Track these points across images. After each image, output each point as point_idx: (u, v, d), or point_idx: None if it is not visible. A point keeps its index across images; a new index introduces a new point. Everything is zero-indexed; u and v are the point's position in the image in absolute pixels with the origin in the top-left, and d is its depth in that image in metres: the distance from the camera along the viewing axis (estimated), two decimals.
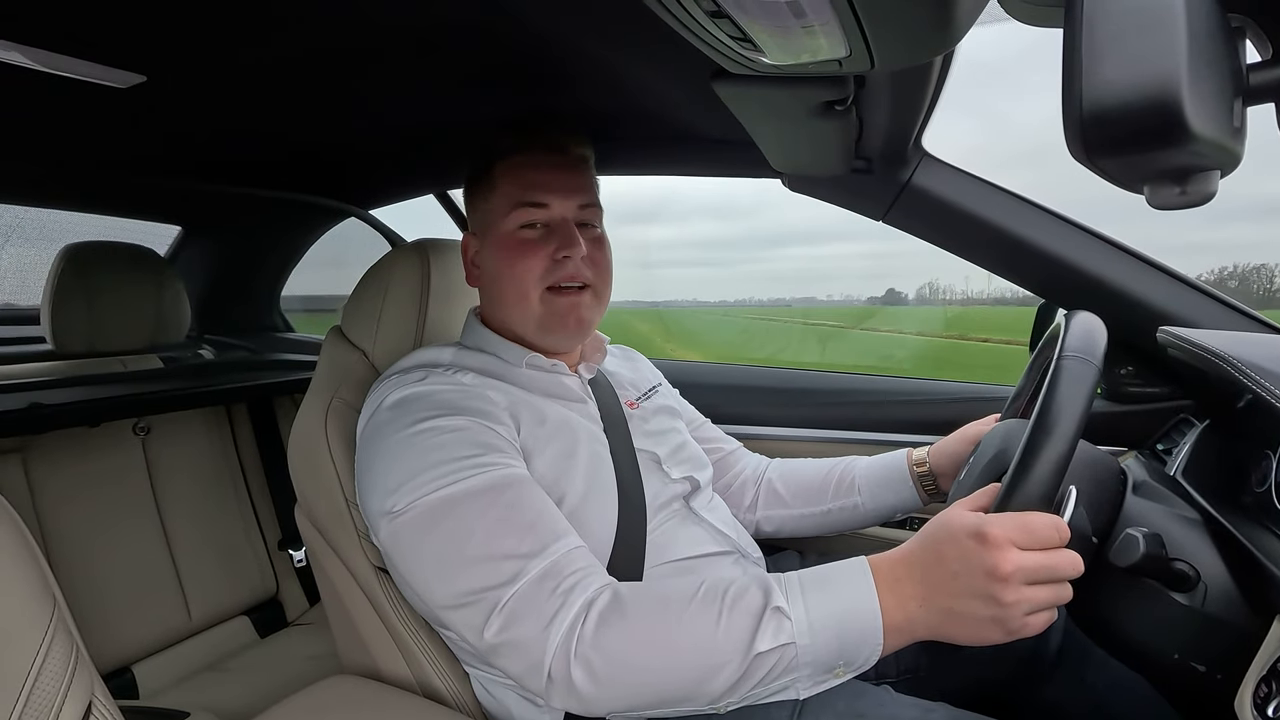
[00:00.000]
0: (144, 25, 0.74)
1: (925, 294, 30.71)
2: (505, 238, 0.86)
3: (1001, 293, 11.73)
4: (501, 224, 0.86)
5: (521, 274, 0.85)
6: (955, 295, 22.51)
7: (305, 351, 1.87)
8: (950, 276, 39.57)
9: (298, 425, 0.92)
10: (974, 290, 17.91)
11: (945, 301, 34.47)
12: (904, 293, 34.48)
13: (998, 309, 14.23)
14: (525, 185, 0.85)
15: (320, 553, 0.91)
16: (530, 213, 0.85)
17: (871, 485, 1.00)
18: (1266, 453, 0.69)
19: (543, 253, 0.85)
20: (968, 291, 19.47)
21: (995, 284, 13.61)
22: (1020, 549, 0.57)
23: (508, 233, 0.86)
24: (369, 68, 0.91)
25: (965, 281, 20.31)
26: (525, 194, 0.85)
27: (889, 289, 33.22)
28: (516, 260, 0.85)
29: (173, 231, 1.88)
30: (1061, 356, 0.63)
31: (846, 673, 0.61)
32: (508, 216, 0.86)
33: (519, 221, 0.85)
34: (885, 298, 31.06)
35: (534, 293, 0.85)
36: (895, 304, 26.10)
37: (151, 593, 1.35)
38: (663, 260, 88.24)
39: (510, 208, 0.85)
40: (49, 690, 0.51)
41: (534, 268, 0.85)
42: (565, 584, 0.64)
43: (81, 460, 1.31)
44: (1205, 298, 0.99)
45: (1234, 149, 0.35)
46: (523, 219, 0.85)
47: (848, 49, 0.54)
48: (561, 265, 0.85)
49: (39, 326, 1.38)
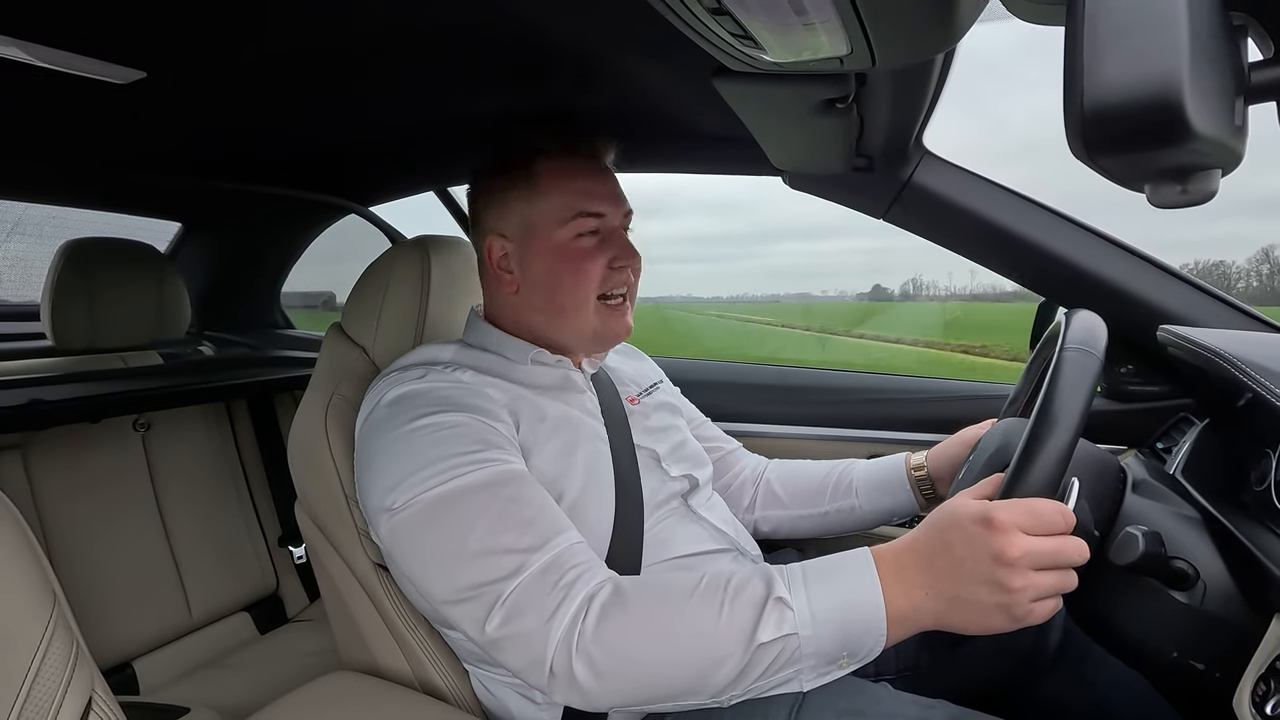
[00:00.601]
0: (144, 20, 0.73)
1: (909, 290, 30.47)
2: (562, 247, 0.85)
3: (984, 289, 11.58)
4: (556, 232, 0.85)
5: (584, 283, 0.85)
6: (939, 291, 22.42)
7: (305, 348, 1.87)
8: (934, 272, 39.41)
9: (298, 422, 0.92)
10: (957, 286, 17.75)
11: (930, 297, 34.02)
12: (890, 289, 34.34)
13: (998, 305, 13.83)
14: (581, 193, 0.85)
15: (320, 549, 0.91)
16: (588, 222, 0.85)
17: (869, 488, 1.00)
18: (1266, 451, 0.69)
19: (601, 261, 0.85)
20: (951, 287, 19.35)
21: (978, 279, 13.51)
22: (1027, 534, 0.56)
23: (564, 241, 0.85)
24: (370, 65, 0.90)
25: (949, 277, 20.15)
26: (583, 203, 0.85)
27: (875, 285, 32.85)
28: (580, 269, 0.85)
29: (173, 228, 1.88)
30: (1064, 349, 0.63)
31: (850, 664, 0.61)
32: (566, 225, 0.85)
33: (577, 231, 0.85)
34: (872, 293, 30.74)
35: (591, 301, 0.86)
36: (882, 299, 25.93)
37: (152, 589, 1.35)
38: (660, 256, 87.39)
39: (568, 215, 0.85)
40: (49, 686, 0.51)
41: (594, 276, 0.85)
42: (567, 578, 0.64)
43: (82, 456, 1.31)
44: (1206, 296, 0.99)
45: (1235, 147, 0.35)
46: (581, 228, 0.85)
47: (849, 47, 0.54)
48: (617, 274, 0.86)
49: (39, 323, 1.38)
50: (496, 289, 0.91)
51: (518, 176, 0.87)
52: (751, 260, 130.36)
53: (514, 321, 0.90)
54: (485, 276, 0.93)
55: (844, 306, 30.70)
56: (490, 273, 0.90)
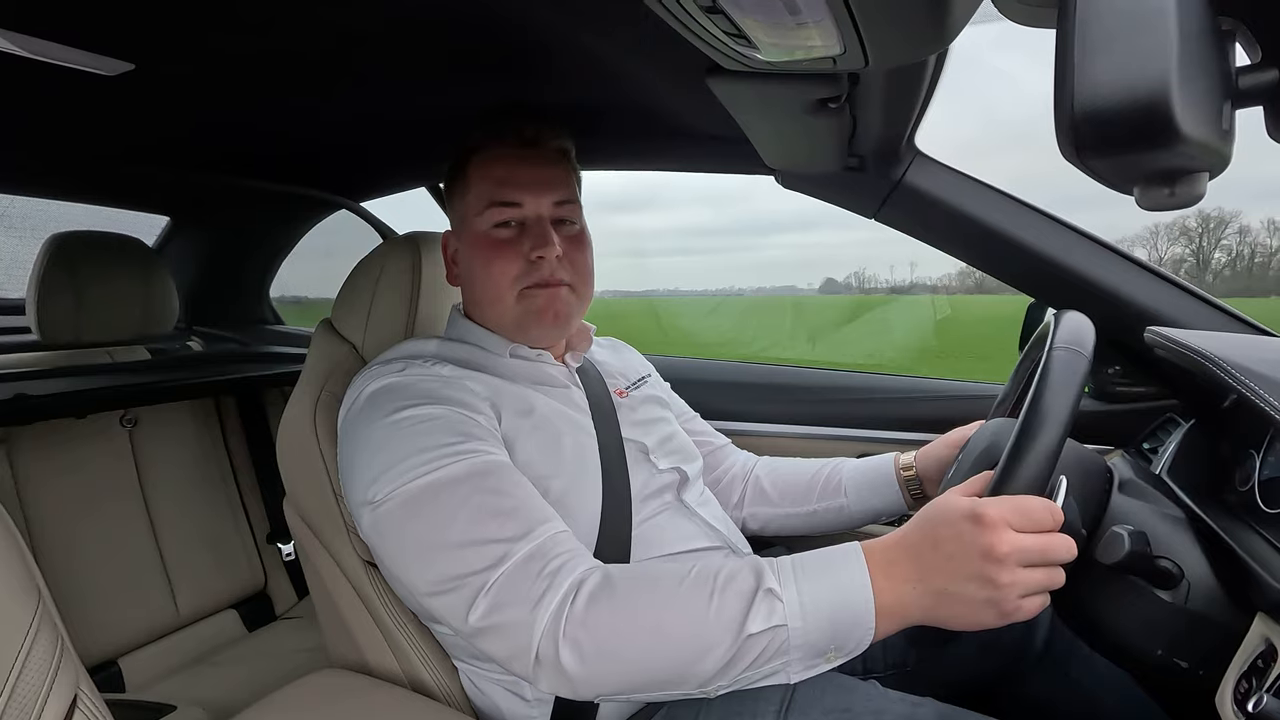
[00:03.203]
0: (132, 12, 0.73)
1: (851, 283, 30.11)
2: (479, 237, 0.85)
3: (919, 280, 11.19)
4: (475, 223, 0.85)
5: (496, 275, 0.84)
6: (880, 284, 22.25)
7: (294, 344, 1.86)
8: (875, 266, 38.84)
9: (286, 418, 0.92)
10: (898, 279, 17.48)
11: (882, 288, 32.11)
12: (841, 279, 34.15)
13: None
14: (497, 182, 0.84)
15: (309, 546, 0.91)
16: (503, 211, 0.84)
17: (858, 488, 1.01)
18: (1250, 452, 0.69)
19: (517, 253, 0.84)
20: (891, 279, 19.18)
21: (918, 272, 13.56)
22: (1016, 530, 0.57)
23: (481, 232, 0.85)
24: (359, 59, 0.90)
25: (890, 271, 20.03)
26: (497, 191, 0.84)
27: (827, 278, 32.76)
28: (491, 261, 0.84)
29: (161, 222, 1.87)
30: (1053, 349, 0.64)
31: (838, 657, 0.61)
32: (481, 215, 0.85)
33: (492, 221, 0.84)
34: (824, 287, 30.27)
35: (509, 294, 0.85)
36: (834, 293, 25.60)
37: (138, 586, 1.34)
38: (650, 249, 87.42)
39: (483, 206, 0.84)
40: (33, 684, 0.51)
41: (508, 269, 0.84)
42: (551, 565, 0.64)
43: (68, 452, 1.30)
44: (1192, 298, 1.00)
45: (1223, 151, 0.35)
46: (496, 218, 0.84)
47: (842, 46, 0.54)
48: (537, 266, 0.84)
49: (25, 317, 1.37)
50: (454, 285, 0.94)
51: (456, 174, 0.89)
52: (744, 253, 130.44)
53: (470, 312, 0.92)
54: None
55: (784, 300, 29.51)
56: (448, 268, 0.94)
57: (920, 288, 16.76)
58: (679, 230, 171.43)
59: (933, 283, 13.76)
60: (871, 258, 40.56)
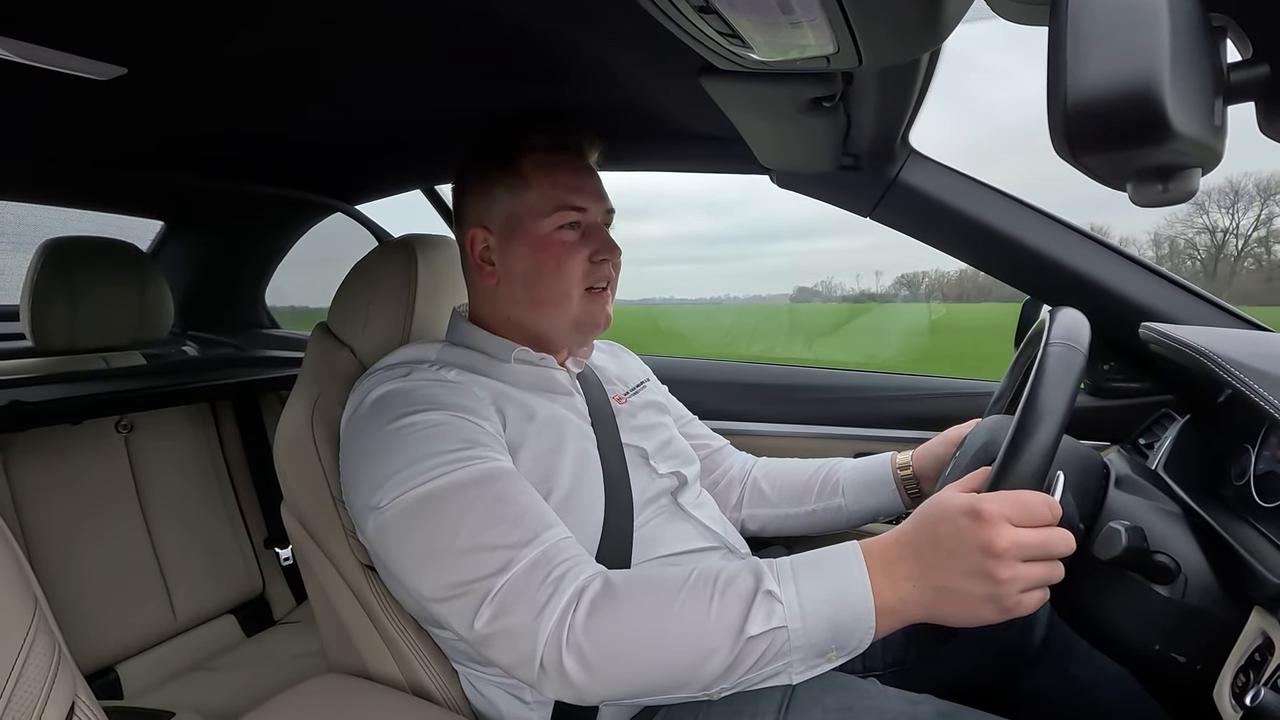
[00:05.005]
0: (126, 16, 0.72)
1: (819, 289, 28.85)
2: (545, 239, 0.86)
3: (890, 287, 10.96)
4: (540, 224, 0.86)
5: (566, 275, 0.86)
6: (847, 292, 21.60)
7: (291, 348, 1.86)
8: (842, 275, 37.78)
9: (284, 422, 0.92)
10: (863, 286, 17.03)
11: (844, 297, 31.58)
12: (813, 286, 31.81)
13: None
14: (566, 188, 0.86)
15: (307, 551, 0.91)
16: (570, 215, 0.86)
17: (855, 488, 1.01)
18: (1245, 447, 0.70)
19: (583, 255, 0.86)
20: (856, 287, 18.68)
21: (884, 280, 13.50)
22: (1015, 525, 0.57)
23: (547, 234, 0.86)
24: (354, 62, 0.90)
25: (856, 279, 19.56)
26: (566, 196, 0.86)
27: (798, 287, 30.42)
28: (563, 261, 0.86)
29: (155, 227, 1.86)
30: (1049, 345, 0.64)
31: (839, 657, 0.61)
32: (548, 217, 0.86)
33: (559, 223, 0.86)
34: (796, 295, 28.44)
35: (575, 293, 0.87)
36: (806, 300, 24.50)
37: (136, 592, 1.33)
38: (648, 258, 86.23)
39: (551, 209, 0.86)
40: (30, 692, 0.51)
41: (576, 270, 0.86)
42: (556, 572, 0.64)
43: (63, 458, 1.29)
44: (1187, 294, 1.01)
45: (1215, 147, 0.35)
46: (563, 220, 0.86)
47: (836, 46, 0.54)
48: (599, 268, 0.87)
49: (18, 323, 1.36)
50: (478, 282, 0.92)
51: (504, 170, 0.88)
52: (744, 261, 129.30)
53: (495, 317, 0.91)
54: (467, 269, 0.93)
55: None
56: (472, 265, 0.90)
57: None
58: (678, 238, 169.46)
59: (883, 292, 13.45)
60: (862, 265, 39.79)
